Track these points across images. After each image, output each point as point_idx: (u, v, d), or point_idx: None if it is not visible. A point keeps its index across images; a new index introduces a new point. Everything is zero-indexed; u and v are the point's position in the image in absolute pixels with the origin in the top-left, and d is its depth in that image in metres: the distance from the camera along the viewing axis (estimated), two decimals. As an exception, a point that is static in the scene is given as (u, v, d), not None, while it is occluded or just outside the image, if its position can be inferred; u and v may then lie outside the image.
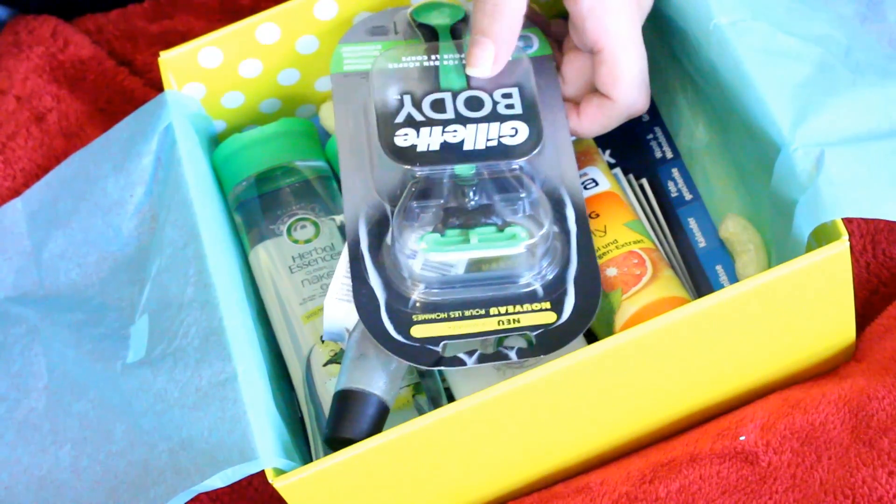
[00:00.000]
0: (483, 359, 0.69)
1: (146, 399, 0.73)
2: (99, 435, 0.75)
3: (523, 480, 0.74)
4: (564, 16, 0.78)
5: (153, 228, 0.80)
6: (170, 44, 0.95)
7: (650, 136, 0.85)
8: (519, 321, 0.70)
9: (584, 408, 0.71)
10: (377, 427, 0.69)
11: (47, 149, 0.91)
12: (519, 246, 0.70)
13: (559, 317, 0.70)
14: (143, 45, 0.97)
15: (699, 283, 0.79)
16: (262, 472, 0.73)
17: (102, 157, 0.83)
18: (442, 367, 0.69)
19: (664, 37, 0.81)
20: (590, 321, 0.70)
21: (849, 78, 0.73)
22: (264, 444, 0.68)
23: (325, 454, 0.71)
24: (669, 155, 0.84)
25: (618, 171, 0.84)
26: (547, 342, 0.69)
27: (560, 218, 0.73)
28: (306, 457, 0.75)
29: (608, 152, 0.85)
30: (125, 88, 0.94)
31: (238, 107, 0.86)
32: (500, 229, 0.71)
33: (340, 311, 0.72)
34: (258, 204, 0.81)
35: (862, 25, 0.77)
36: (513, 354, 0.69)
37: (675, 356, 0.70)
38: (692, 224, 0.81)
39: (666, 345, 0.69)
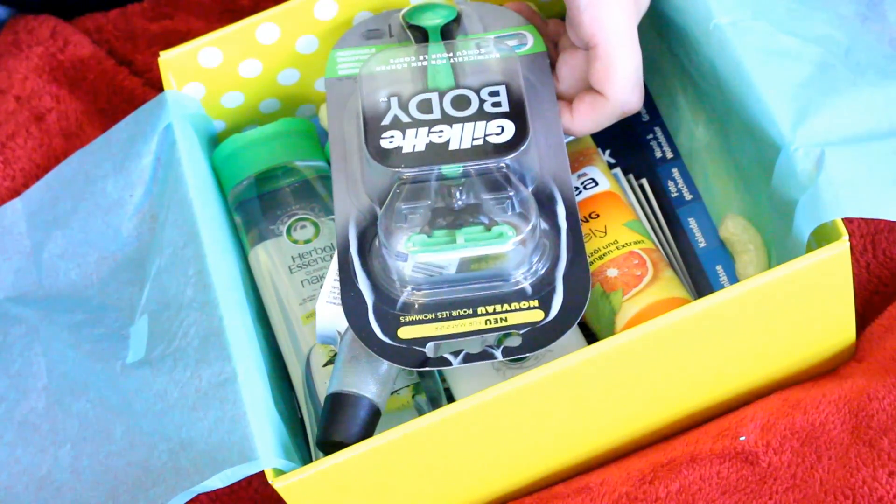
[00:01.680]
0: (468, 358, 0.69)
1: (146, 399, 0.73)
2: (99, 435, 0.75)
3: (523, 481, 0.74)
4: (562, 16, 0.78)
5: (153, 228, 0.80)
6: (170, 44, 0.95)
7: (650, 136, 0.85)
8: (506, 320, 0.70)
9: (585, 408, 0.71)
10: (369, 430, 0.69)
11: (47, 149, 0.91)
12: (506, 244, 0.70)
13: (547, 314, 0.70)
14: (143, 44, 0.97)
15: (699, 283, 0.79)
16: (262, 472, 0.73)
17: (102, 157, 0.83)
18: (428, 368, 0.69)
19: (664, 36, 0.81)
20: (577, 318, 0.70)
21: (849, 78, 0.73)
22: (264, 444, 0.68)
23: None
24: (669, 155, 0.84)
25: (618, 171, 0.84)
26: (533, 340, 0.69)
27: (550, 215, 0.73)
28: (306, 457, 0.75)
29: (608, 152, 0.85)
30: (125, 88, 0.94)
31: (238, 107, 0.86)
32: (488, 228, 0.71)
33: (332, 315, 0.72)
34: (258, 204, 0.81)
35: (862, 25, 0.77)
36: (499, 353, 0.69)
37: (676, 356, 0.70)
38: (692, 224, 0.81)
39: (666, 345, 0.69)
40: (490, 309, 0.70)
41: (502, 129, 0.73)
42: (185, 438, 0.70)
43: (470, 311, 0.70)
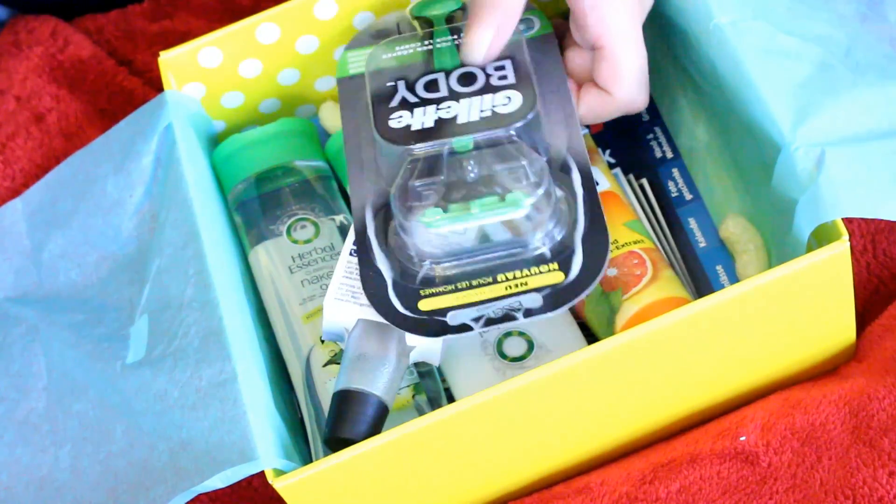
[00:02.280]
0: (489, 322, 0.69)
1: (146, 399, 0.73)
2: (99, 435, 0.75)
3: (523, 481, 0.74)
4: (564, 15, 0.78)
5: (153, 228, 0.80)
6: (170, 44, 0.95)
7: (650, 135, 0.85)
8: (527, 284, 0.70)
9: (585, 408, 0.71)
10: (377, 427, 0.69)
11: (47, 149, 0.91)
12: (521, 209, 0.70)
13: (567, 275, 0.70)
14: (143, 45, 0.97)
15: (699, 283, 0.79)
16: (262, 472, 0.73)
17: (102, 157, 0.83)
18: (449, 335, 0.69)
19: (664, 37, 0.81)
20: (598, 277, 0.70)
21: (849, 78, 0.73)
22: (264, 444, 0.68)
23: (325, 455, 0.71)
24: (669, 155, 0.84)
25: (618, 171, 0.84)
26: (555, 300, 0.69)
27: (566, 182, 0.73)
28: (306, 457, 0.75)
29: (608, 152, 0.85)
30: (125, 88, 0.94)
31: (238, 107, 0.86)
32: (502, 198, 0.71)
33: (340, 312, 0.73)
34: (258, 204, 0.81)
35: (862, 25, 0.77)
36: (520, 315, 0.69)
37: (676, 356, 0.70)
38: (692, 224, 0.81)
39: (666, 345, 0.69)
40: (510, 275, 0.70)
41: (509, 100, 0.74)
42: (185, 438, 0.70)
43: (490, 280, 0.70)
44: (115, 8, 0.99)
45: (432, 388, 0.75)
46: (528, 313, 0.69)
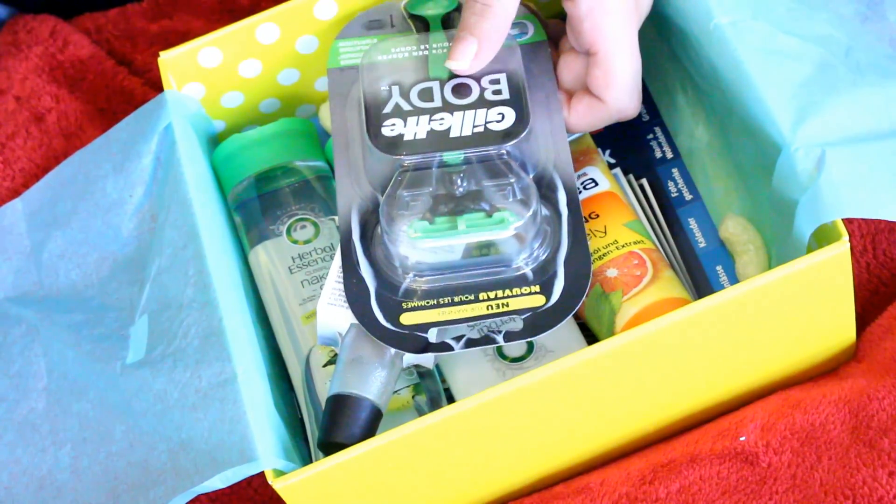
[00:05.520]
0: (470, 343, 0.69)
1: (146, 400, 0.73)
2: (99, 435, 0.75)
3: (523, 481, 0.74)
4: (562, 16, 0.78)
5: (153, 229, 0.80)
6: (169, 44, 0.95)
7: (650, 135, 0.85)
8: (508, 305, 0.70)
9: (584, 408, 0.71)
10: (370, 432, 0.69)
11: (47, 149, 0.91)
12: (507, 230, 0.70)
13: (548, 300, 0.70)
14: (143, 44, 0.97)
15: (699, 283, 0.79)
16: (262, 473, 0.73)
17: (102, 157, 0.83)
18: (430, 353, 0.69)
19: (664, 37, 0.81)
20: (578, 303, 0.70)
21: (849, 78, 0.73)
22: (264, 445, 0.68)
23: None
24: (669, 155, 0.84)
25: (618, 171, 0.84)
26: (535, 325, 0.69)
27: (552, 201, 0.73)
28: (306, 458, 0.75)
29: (608, 152, 0.85)
30: (125, 88, 0.94)
31: (238, 107, 0.86)
32: (489, 215, 0.71)
33: (333, 316, 0.73)
34: (258, 204, 0.81)
35: (862, 25, 0.77)
36: (500, 338, 0.69)
37: (676, 357, 0.70)
38: (692, 224, 0.81)
39: (666, 346, 0.69)
40: (492, 295, 0.71)
41: (503, 117, 0.74)
42: (185, 439, 0.70)
43: (472, 297, 0.71)
44: (114, 7, 0.99)
45: (432, 389, 0.75)
46: (509, 337, 0.70)
